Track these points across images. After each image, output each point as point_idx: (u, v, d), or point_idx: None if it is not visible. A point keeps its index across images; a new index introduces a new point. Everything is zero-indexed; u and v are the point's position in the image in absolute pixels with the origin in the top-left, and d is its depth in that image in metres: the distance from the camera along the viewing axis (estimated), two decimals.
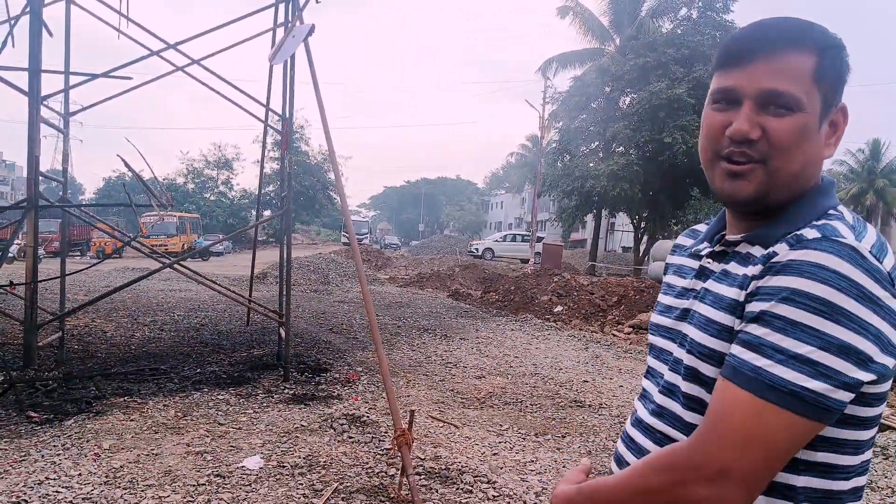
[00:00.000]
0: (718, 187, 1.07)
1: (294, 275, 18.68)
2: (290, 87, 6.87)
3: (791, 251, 0.93)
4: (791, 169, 1.02)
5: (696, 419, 1.02)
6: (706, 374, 1.01)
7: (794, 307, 0.88)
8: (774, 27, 1.03)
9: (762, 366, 0.88)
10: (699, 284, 1.13)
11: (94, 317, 10.31)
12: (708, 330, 1.02)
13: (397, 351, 8.88)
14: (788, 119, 0.99)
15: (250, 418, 5.42)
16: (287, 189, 6.99)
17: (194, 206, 46.90)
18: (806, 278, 0.88)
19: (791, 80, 0.99)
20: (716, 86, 1.07)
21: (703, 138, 1.10)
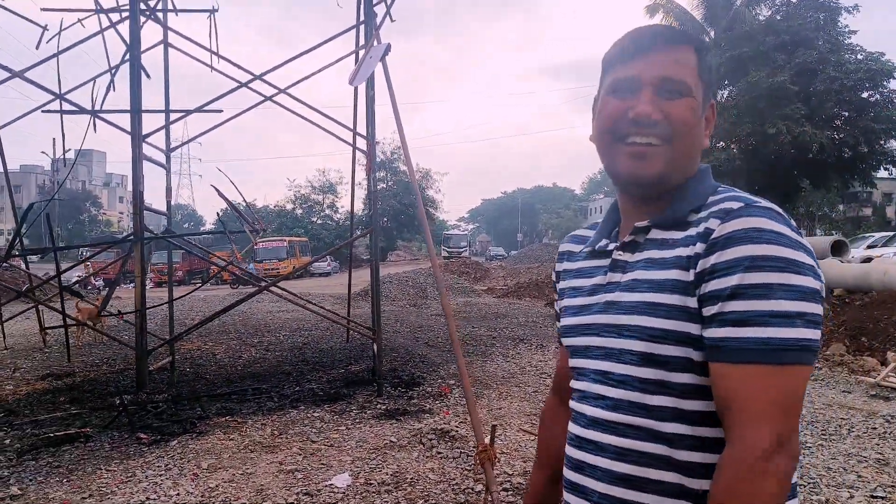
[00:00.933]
0: (623, 169, 1.13)
1: (393, 290, 19.10)
2: (371, 107, 7.00)
3: (727, 223, 0.99)
4: (688, 149, 1.11)
5: (661, 401, 1.04)
6: (663, 353, 1.04)
7: (762, 272, 0.94)
8: (659, 29, 1.16)
9: (765, 335, 0.93)
10: (619, 277, 1.15)
11: (206, 340, 10.88)
12: (656, 313, 1.05)
13: (491, 362, 8.83)
14: (682, 101, 1.09)
15: (342, 435, 5.52)
16: (372, 208, 7.11)
17: (302, 230, 48.77)
18: (756, 243, 0.95)
19: (682, 69, 1.10)
20: (614, 76, 1.14)
21: (602, 123, 1.15)
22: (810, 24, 21.77)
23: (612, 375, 1.12)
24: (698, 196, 1.10)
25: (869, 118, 21.07)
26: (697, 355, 1.01)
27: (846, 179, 23.71)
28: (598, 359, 1.15)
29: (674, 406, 1.03)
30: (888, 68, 20.92)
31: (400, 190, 49.62)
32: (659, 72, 1.09)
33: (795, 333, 0.93)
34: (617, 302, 1.12)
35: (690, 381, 1.02)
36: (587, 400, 1.17)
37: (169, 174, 7.67)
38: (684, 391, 1.03)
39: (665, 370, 1.04)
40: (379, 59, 6.17)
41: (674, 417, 1.04)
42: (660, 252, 1.09)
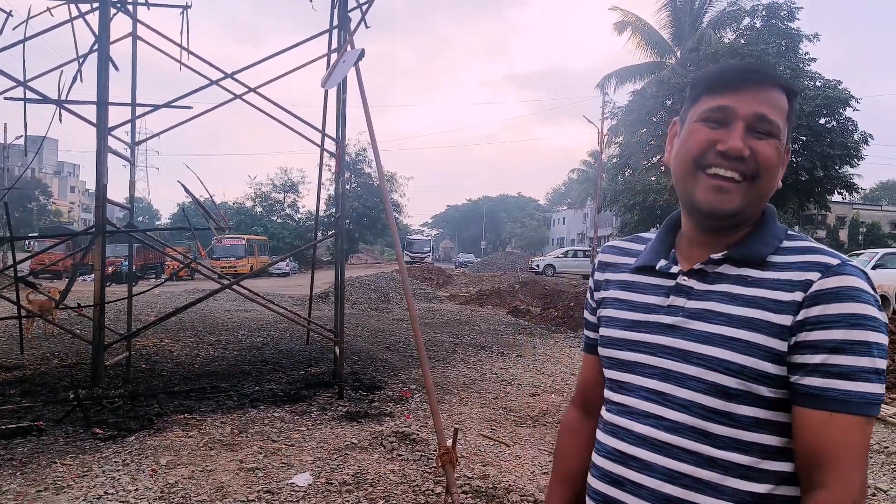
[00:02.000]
0: (701, 199, 1.14)
1: (355, 294, 19.03)
2: (343, 110, 7.03)
3: (829, 279, 1.06)
4: (769, 188, 1.15)
5: (723, 430, 1.09)
6: (734, 387, 1.08)
7: (863, 329, 1.02)
8: (758, 66, 1.17)
9: (866, 390, 1.02)
10: (684, 302, 1.18)
11: (163, 337, 10.71)
12: (735, 347, 1.08)
13: (453, 368, 8.89)
14: (771, 142, 1.12)
15: (303, 435, 5.52)
16: (340, 210, 7.13)
17: (262, 229, 48.22)
18: (858, 302, 1.04)
19: (775, 110, 1.13)
20: (709, 105, 1.15)
21: (687, 150, 1.17)
22: (772, 50, 22.36)
23: (670, 398, 1.14)
24: (773, 238, 1.16)
25: (825, 144, 21.72)
26: (768, 391, 1.07)
27: (802, 202, 24.37)
28: (653, 378, 1.18)
29: (734, 436, 1.08)
30: (844, 97, 21.63)
31: (364, 192, 49.42)
32: (755, 109, 1.11)
33: (880, 389, 1.03)
34: (683, 328, 1.15)
35: (755, 414, 1.08)
36: (634, 416, 1.19)
37: (133, 168, 7.58)
38: (747, 423, 1.08)
39: (733, 402, 1.08)
40: (352, 65, 6.21)
41: (732, 447, 1.09)
42: (741, 288, 1.12)
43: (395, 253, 5.16)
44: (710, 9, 28.38)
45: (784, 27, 23.11)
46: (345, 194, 6.94)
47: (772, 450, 1.09)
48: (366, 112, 6.17)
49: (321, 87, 6.22)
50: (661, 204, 23.24)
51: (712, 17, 27.76)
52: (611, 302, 1.31)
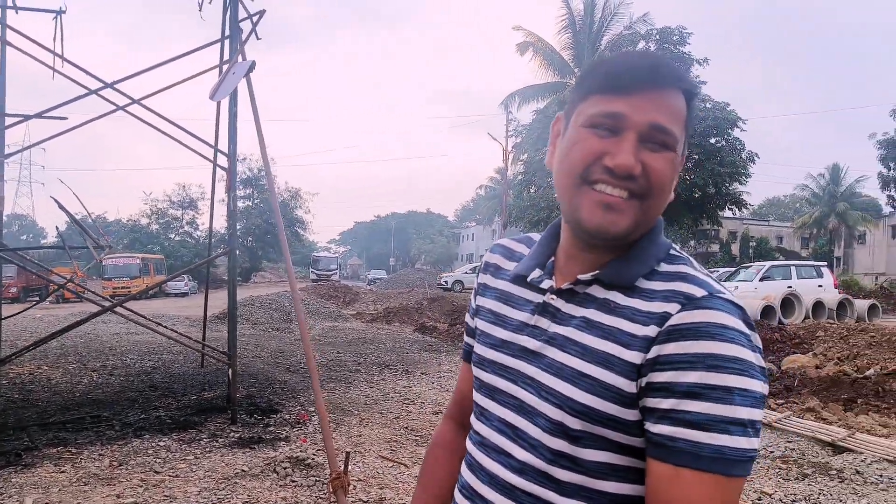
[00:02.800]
0: (587, 217, 0.98)
1: (255, 313, 18.45)
2: (233, 124, 6.75)
3: (688, 312, 0.91)
4: (660, 208, 1.00)
5: (566, 476, 0.97)
6: (574, 428, 0.96)
7: (722, 373, 0.87)
8: (660, 62, 0.98)
9: (721, 443, 0.86)
10: (547, 324, 1.05)
11: (41, 363, 9.98)
12: (580, 384, 0.96)
13: (355, 388, 8.69)
14: (665, 156, 0.97)
15: (190, 465, 5.20)
16: (232, 228, 6.84)
17: (158, 248, 46.30)
18: (718, 341, 0.88)
19: (673, 118, 0.97)
20: (598, 109, 0.97)
21: (571, 161, 1.00)
22: None
23: (521, 434, 1.02)
24: (649, 258, 1.01)
25: (716, 162, 22.91)
26: (617, 436, 0.94)
27: (696, 217, 25.59)
28: (509, 408, 1.06)
29: (581, 484, 0.96)
30: (732, 118, 22.93)
31: (267, 208, 48.32)
32: (650, 117, 0.95)
33: (746, 444, 0.87)
34: (541, 355, 1.03)
35: (604, 459, 0.95)
36: (487, 450, 1.08)
37: (2, 182, 7.01)
38: (596, 470, 0.96)
39: (574, 445, 0.96)
40: (242, 76, 6.00)
41: (578, 494, 0.96)
42: (600, 315, 0.99)
43: (288, 272, 4.97)
44: (607, 31, 29.55)
45: (676, 51, 24.29)
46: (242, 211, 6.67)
47: (624, 499, 0.96)
48: (257, 125, 5.97)
49: (209, 98, 5.97)
50: None
51: (610, 39, 28.90)
52: (485, 314, 1.18)
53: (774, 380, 8.93)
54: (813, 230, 54.52)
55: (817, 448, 6.24)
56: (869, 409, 7.43)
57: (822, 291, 16.59)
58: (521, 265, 1.15)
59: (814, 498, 4.84)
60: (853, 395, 7.89)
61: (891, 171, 31.47)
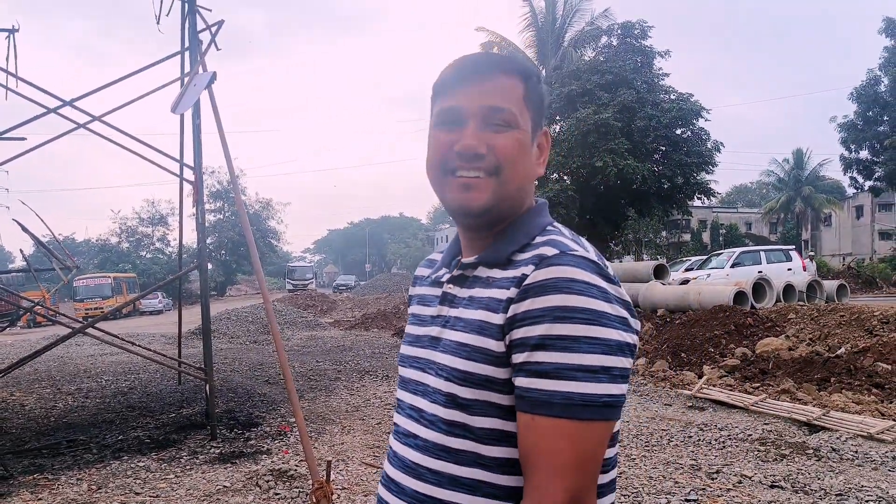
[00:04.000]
0: (451, 199, 1.10)
1: (232, 327, 18.30)
2: (198, 136, 6.69)
3: (540, 270, 0.97)
4: (516, 180, 1.08)
5: (462, 445, 1.02)
6: (464, 396, 1.01)
7: (568, 323, 0.92)
8: (484, 57, 1.15)
9: (569, 389, 0.91)
10: (446, 311, 1.13)
11: (14, 390, 9.78)
12: (461, 353, 1.03)
13: (335, 397, 8.65)
14: (508, 134, 1.07)
15: (170, 484, 5.13)
16: (201, 242, 6.78)
17: (130, 266, 45.69)
18: (565, 293, 0.93)
19: (506, 99, 1.07)
20: (440, 107, 1.11)
21: (431, 158, 1.12)
22: (629, 66, 23.72)
23: (424, 414, 1.09)
24: (525, 235, 1.08)
25: (683, 153, 23.19)
26: (501, 399, 0.99)
27: (666, 208, 25.86)
28: (414, 394, 1.13)
29: (474, 451, 1.01)
30: (696, 108, 23.22)
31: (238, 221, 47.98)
32: (482, 101, 1.06)
33: (598, 389, 0.91)
34: (439, 338, 1.11)
35: (493, 426, 1.00)
36: (399, 436, 1.15)
37: None
38: (486, 436, 1.00)
39: (466, 413, 1.01)
40: (204, 88, 5.94)
41: (474, 463, 1.01)
42: (481, 291, 1.07)
43: (259, 284, 4.93)
44: (570, 28, 29.79)
45: (638, 44, 24.56)
46: (205, 225, 6.60)
47: (508, 463, 0.99)
48: (221, 137, 5.91)
49: (171, 112, 5.90)
50: None
51: (573, 35, 29.13)
52: (410, 317, 1.27)
53: (749, 364, 9.06)
54: (780, 215, 55.45)
55: (794, 428, 6.35)
56: (842, 388, 7.57)
57: (791, 275, 16.83)
58: (433, 268, 1.27)
59: (793, 477, 4.91)
60: (826, 375, 8.03)
61: (852, 153, 32.06)
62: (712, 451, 5.69)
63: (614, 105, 22.61)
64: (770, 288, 13.74)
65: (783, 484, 4.80)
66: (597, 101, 22.93)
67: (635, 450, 5.76)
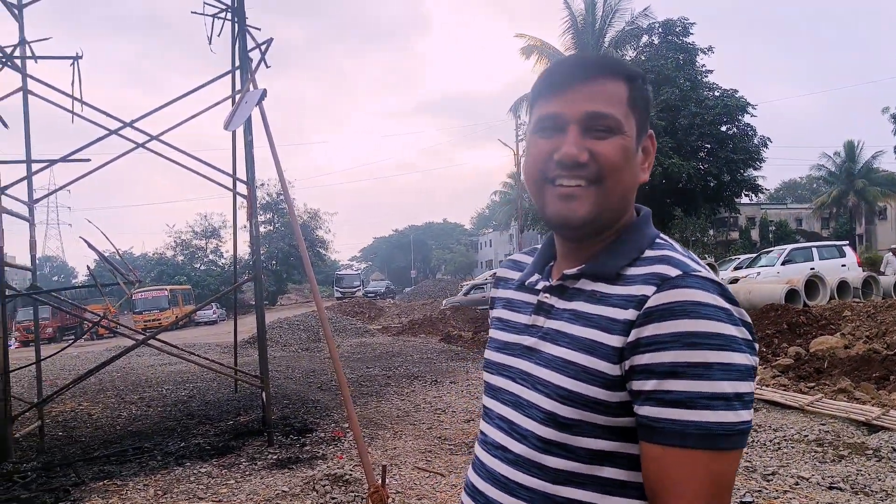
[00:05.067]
0: (552, 212, 1.07)
1: (284, 335, 18.65)
2: (250, 152, 6.92)
3: (663, 293, 0.94)
4: (620, 189, 1.05)
5: (557, 464, 1.00)
6: (565, 416, 0.99)
7: (700, 349, 0.89)
8: (587, 58, 1.11)
9: (706, 419, 0.88)
10: (542, 321, 1.10)
11: (81, 400, 10.20)
12: (567, 371, 1.00)
13: (386, 402, 8.79)
14: (612, 141, 1.03)
15: (231, 489, 5.33)
16: (256, 254, 7.00)
17: (185, 278, 46.88)
18: (693, 318, 0.90)
19: (610, 103, 1.03)
20: (539, 113, 1.08)
21: (530, 166, 1.10)
22: (671, 64, 23.43)
23: (517, 427, 1.06)
24: (633, 248, 1.05)
25: (729, 150, 22.81)
26: (606, 420, 0.97)
27: (713, 206, 25.44)
28: (507, 405, 1.10)
29: (572, 470, 0.98)
30: (741, 104, 22.82)
31: (288, 231, 48.81)
32: (584, 107, 1.02)
33: (734, 417, 0.89)
34: (536, 350, 1.08)
35: (594, 446, 0.98)
36: (488, 447, 1.12)
37: (33, 227, 7.23)
38: (587, 456, 0.98)
39: (566, 432, 0.99)
40: (255, 105, 6.16)
41: (570, 482, 0.99)
42: (587, 306, 1.04)
43: (313, 292, 5.09)
44: (610, 29, 29.52)
45: (680, 42, 24.25)
46: (259, 237, 6.82)
47: (616, 484, 0.98)
48: (272, 151, 6.11)
49: (224, 129, 6.13)
50: None
51: (613, 36, 28.87)
52: (496, 322, 1.24)
53: (803, 363, 8.89)
54: (832, 209, 53.81)
55: (852, 428, 6.23)
56: None
57: (845, 271, 16.40)
58: (524, 273, 1.23)
59: (852, 479, 4.84)
60: (885, 373, 7.84)
61: None
62: (767, 453, 5.63)
63: (657, 104, 22.37)
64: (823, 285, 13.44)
65: (842, 485, 4.73)
66: None
67: None
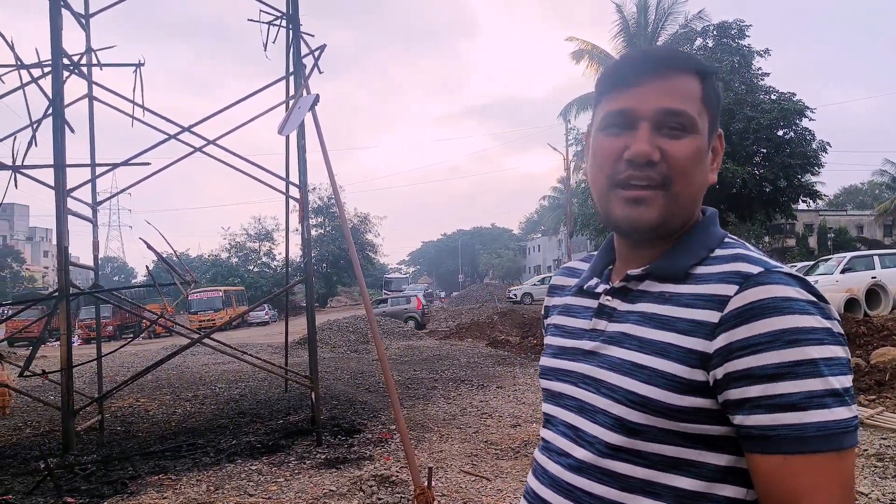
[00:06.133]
0: (619, 216, 1.02)
1: (333, 337, 18.91)
2: (302, 156, 7.07)
3: (748, 291, 0.89)
4: (690, 192, 1.01)
5: (627, 470, 0.95)
6: (635, 421, 0.94)
7: (802, 346, 0.84)
8: (659, 52, 1.06)
9: (823, 419, 0.83)
10: (605, 325, 1.06)
11: (139, 396, 10.54)
12: (638, 376, 0.95)
13: (432, 405, 8.83)
14: (685, 140, 0.98)
15: (280, 487, 5.43)
16: (307, 256, 7.13)
17: (239, 280, 47.90)
18: (788, 314, 0.86)
19: (684, 100, 0.98)
20: (607, 109, 1.03)
21: (596, 167, 1.05)
22: (726, 68, 22.95)
23: (581, 433, 1.02)
24: (702, 247, 1.01)
25: (785, 154, 22.25)
26: (680, 426, 0.92)
27: (769, 212, 24.82)
28: (571, 410, 1.06)
29: (644, 478, 0.94)
30: (799, 108, 22.22)
31: (338, 235, 49.41)
32: (657, 104, 0.97)
33: (848, 413, 0.84)
34: (600, 353, 1.03)
35: (668, 452, 0.93)
36: (550, 454, 1.08)
37: (95, 229, 7.52)
38: (659, 463, 0.93)
39: (638, 438, 0.94)
40: (308, 110, 6.26)
41: (642, 490, 0.94)
42: (655, 307, 0.99)
43: (362, 295, 5.16)
44: (663, 32, 29.10)
45: (735, 45, 23.76)
46: (310, 240, 6.95)
47: (691, 495, 0.92)
48: (324, 156, 6.21)
49: (278, 133, 6.26)
50: None
51: (666, 39, 28.43)
52: (552, 329, 1.20)
53: (864, 375, 8.59)
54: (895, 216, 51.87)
55: None
56: None
57: None
58: (581, 278, 1.19)
59: None
60: None
61: None
62: None
63: None
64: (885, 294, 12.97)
65: None
66: None
67: None
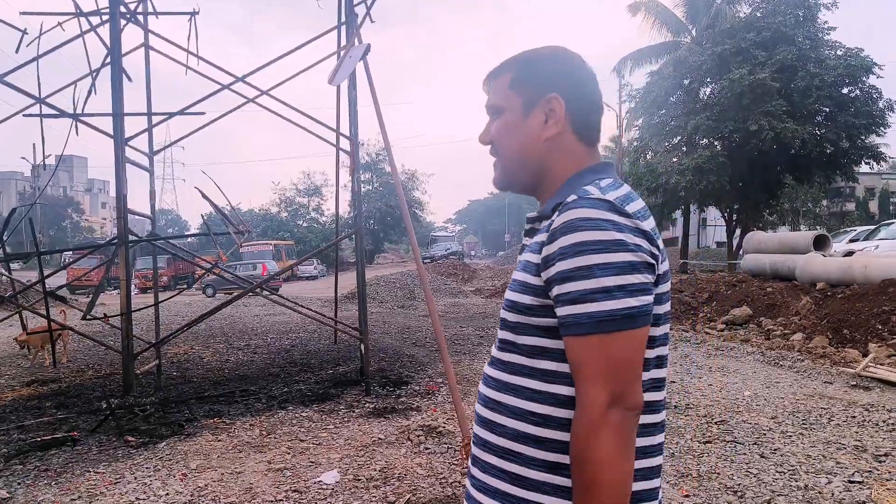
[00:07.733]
0: None
1: (381, 292, 19.12)
2: (354, 108, 7.02)
3: (561, 215, 1.15)
4: (514, 153, 1.35)
5: (512, 358, 1.24)
6: (511, 320, 1.25)
7: (583, 255, 1.10)
8: (491, 68, 1.40)
9: (592, 310, 1.09)
10: (520, 257, 1.33)
11: (193, 344, 10.87)
12: (513, 287, 1.26)
13: (478, 361, 8.87)
14: (497, 121, 1.37)
15: (330, 434, 5.55)
16: (357, 210, 7.14)
17: (288, 234, 48.57)
18: (578, 231, 1.12)
19: (496, 94, 1.37)
20: None
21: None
22: (790, 21, 21.97)
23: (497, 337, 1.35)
24: (567, 193, 1.24)
25: (850, 114, 21.30)
26: (535, 320, 1.20)
27: (829, 175, 23.95)
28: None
29: (520, 363, 1.23)
30: (867, 64, 21.16)
31: (386, 192, 49.54)
32: (487, 102, 1.38)
33: (616, 304, 1.09)
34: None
35: (533, 342, 1.21)
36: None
37: (153, 178, 7.66)
38: (528, 351, 1.22)
39: (515, 333, 1.24)
40: (359, 59, 6.21)
41: (520, 372, 1.23)
42: (531, 239, 1.30)
43: (413, 251, 5.15)
44: None
45: None
46: (361, 193, 6.95)
47: (551, 373, 1.19)
48: (376, 106, 6.17)
49: (328, 83, 6.22)
50: (685, 185, 22.94)
51: None
52: None
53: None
54: None
55: None
56: None
57: None
58: None
59: None
60: None
61: None
62: (879, 433, 5.32)
63: (772, 64, 21.06)
64: None
65: None
66: (752, 60, 21.44)
67: (791, 427, 5.51)
